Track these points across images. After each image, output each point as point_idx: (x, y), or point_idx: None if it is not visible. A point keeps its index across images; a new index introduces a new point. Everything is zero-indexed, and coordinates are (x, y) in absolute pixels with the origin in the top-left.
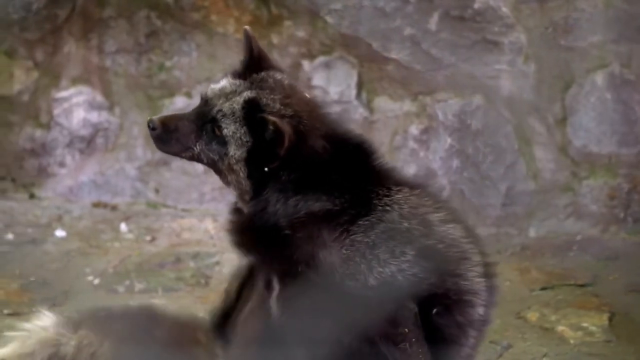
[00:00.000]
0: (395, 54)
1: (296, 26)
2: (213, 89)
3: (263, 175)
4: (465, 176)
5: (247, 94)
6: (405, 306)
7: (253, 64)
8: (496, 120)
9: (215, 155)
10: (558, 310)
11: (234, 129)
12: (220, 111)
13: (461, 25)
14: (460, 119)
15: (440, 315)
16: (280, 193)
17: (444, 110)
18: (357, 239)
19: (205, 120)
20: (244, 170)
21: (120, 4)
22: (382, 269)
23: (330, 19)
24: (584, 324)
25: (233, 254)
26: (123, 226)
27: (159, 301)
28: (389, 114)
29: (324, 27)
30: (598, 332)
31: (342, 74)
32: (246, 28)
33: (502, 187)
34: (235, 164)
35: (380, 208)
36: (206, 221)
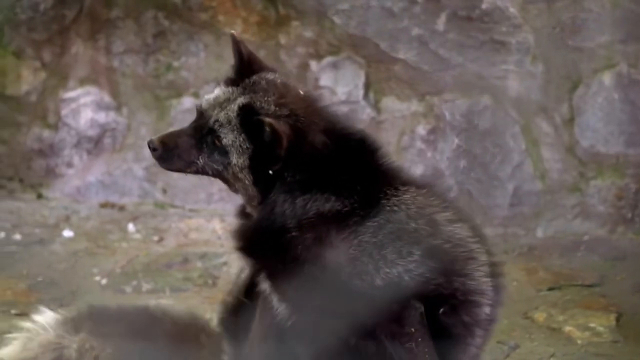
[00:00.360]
0: (402, 54)
1: (304, 26)
2: (207, 99)
3: (268, 179)
4: (473, 176)
5: (241, 99)
6: (412, 305)
7: (244, 69)
8: (503, 120)
9: (219, 165)
10: (565, 311)
11: (233, 137)
12: (217, 121)
13: (469, 26)
14: (467, 119)
15: (447, 315)
16: (287, 194)
17: (451, 110)
18: (365, 240)
19: (204, 132)
20: (249, 177)
21: (127, 5)
22: (389, 270)
23: (337, 19)
24: (591, 324)
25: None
26: (131, 226)
27: (166, 301)
28: (397, 114)
29: (331, 28)
30: (605, 333)
31: (350, 74)
32: (233, 33)
33: (510, 188)
34: (240, 172)
35: (388, 209)
36: (214, 221)
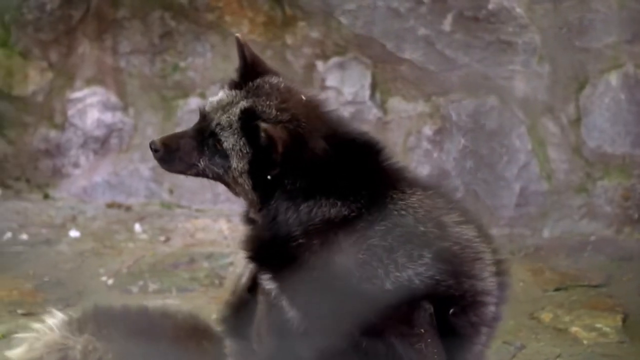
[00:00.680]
0: (409, 55)
1: (310, 27)
2: (211, 102)
3: (268, 184)
4: (479, 177)
5: (243, 103)
6: (422, 307)
7: (248, 72)
8: (510, 120)
9: (220, 169)
10: (572, 311)
11: (234, 141)
12: (218, 124)
13: (475, 26)
14: (473, 119)
15: (457, 316)
16: (289, 201)
17: (457, 110)
18: (374, 244)
19: (205, 135)
20: (249, 182)
21: (134, 5)
22: (399, 273)
23: (344, 20)
24: (598, 325)
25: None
26: (137, 226)
27: (172, 302)
28: (403, 115)
29: (338, 28)
30: (612, 333)
31: (356, 75)
32: (237, 36)
33: (516, 188)
34: (240, 177)
35: (395, 212)
36: (220, 221)
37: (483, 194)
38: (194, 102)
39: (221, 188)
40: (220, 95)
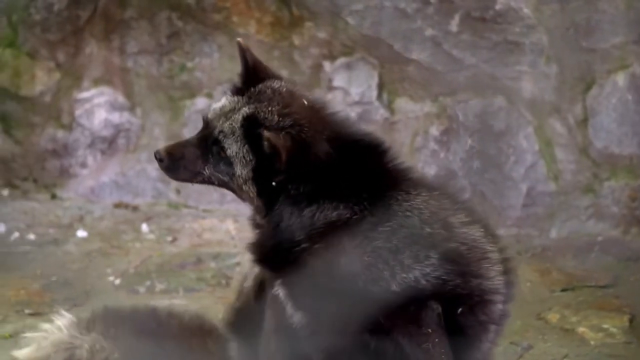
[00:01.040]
0: (416, 55)
1: (317, 27)
2: (213, 109)
3: (272, 190)
4: (486, 177)
5: (245, 110)
6: (429, 307)
7: (250, 77)
8: (517, 121)
9: (225, 176)
10: (579, 312)
11: (237, 148)
12: (221, 132)
13: (482, 26)
14: (480, 119)
15: (464, 315)
16: (293, 206)
17: (464, 111)
18: (379, 245)
19: (209, 143)
20: (253, 188)
21: (141, 5)
22: (406, 275)
23: (351, 20)
24: (605, 326)
25: (249, 254)
26: (144, 227)
27: (179, 302)
28: (410, 115)
29: (345, 28)
30: (619, 334)
31: (363, 75)
32: (239, 40)
33: (523, 188)
34: (244, 184)
35: (400, 214)
36: (227, 222)
37: (490, 195)
38: (201, 103)
39: None
40: (222, 101)
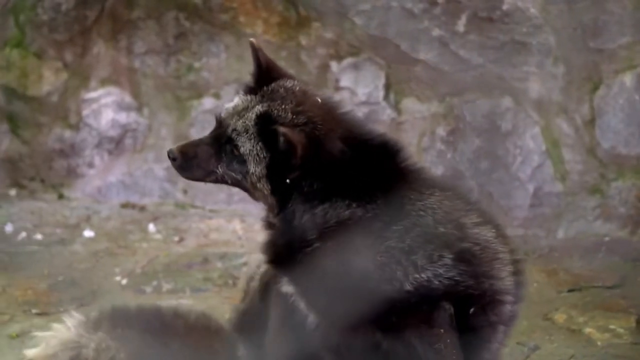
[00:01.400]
0: (423, 55)
1: (324, 27)
2: (226, 108)
3: (286, 188)
4: (493, 177)
5: (258, 108)
6: (442, 307)
7: (263, 76)
8: (524, 121)
9: (238, 174)
10: (585, 312)
11: (250, 146)
12: (234, 130)
13: (489, 27)
14: (488, 120)
15: (475, 316)
16: (305, 204)
17: (471, 111)
18: (392, 245)
19: (222, 141)
20: (267, 186)
21: (149, 5)
22: (419, 275)
23: (358, 20)
24: (612, 326)
25: (261, 255)
26: (151, 227)
27: (186, 302)
28: (417, 115)
29: (352, 29)
30: (625, 334)
31: (370, 75)
32: (252, 40)
33: (530, 189)
34: (258, 182)
35: (414, 213)
36: (234, 222)
37: (497, 195)
38: (208, 103)
39: (235, 188)
40: (235, 100)
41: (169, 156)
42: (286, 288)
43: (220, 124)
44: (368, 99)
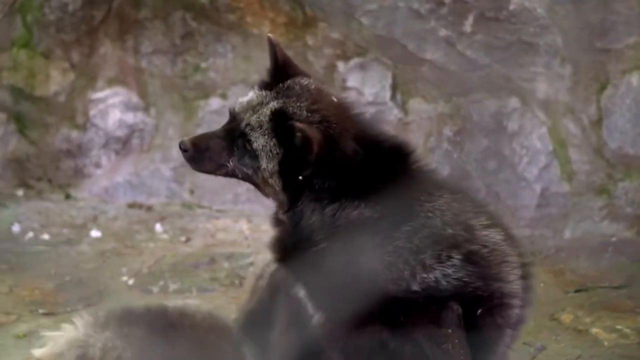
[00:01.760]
0: (430, 55)
1: (331, 27)
2: (241, 102)
3: (298, 185)
4: (499, 177)
5: (273, 104)
6: (450, 307)
7: (279, 73)
8: (531, 121)
9: (249, 169)
10: (592, 313)
11: (264, 141)
12: (248, 125)
13: (496, 27)
14: (494, 120)
15: (483, 318)
16: (316, 202)
17: (478, 111)
18: (400, 245)
19: (235, 135)
20: (279, 182)
21: (155, 6)
22: (426, 275)
23: (365, 21)
24: (618, 326)
25: (267, 254)
26: (158, 227)
27: (192, 302)
28: (423, 115)
29: (358, 29)
30: (632, 335)
31: (377, 76)
32: (270, 36)
33: (537, 189)
34: (270, 178)
35: (422, 215)
36: (241, 222)
37: (504, 195)
38: (215, 103)
39: (242, 188)
40: (250, 95)
41: (181, 147)
42: (294, 287)
43: (233, 117)
44: (375, 99)
